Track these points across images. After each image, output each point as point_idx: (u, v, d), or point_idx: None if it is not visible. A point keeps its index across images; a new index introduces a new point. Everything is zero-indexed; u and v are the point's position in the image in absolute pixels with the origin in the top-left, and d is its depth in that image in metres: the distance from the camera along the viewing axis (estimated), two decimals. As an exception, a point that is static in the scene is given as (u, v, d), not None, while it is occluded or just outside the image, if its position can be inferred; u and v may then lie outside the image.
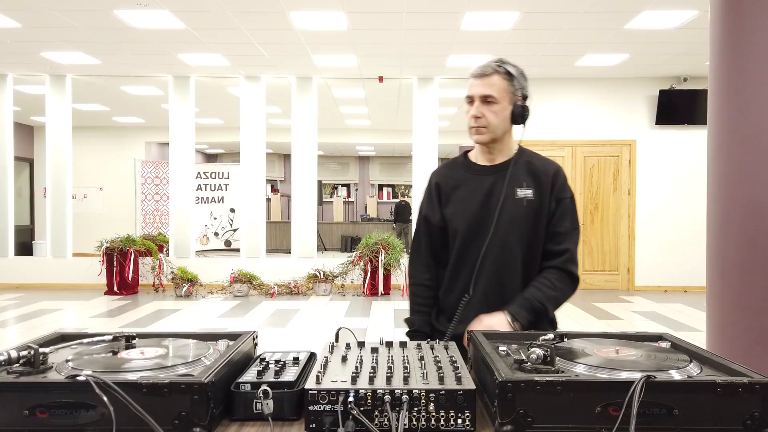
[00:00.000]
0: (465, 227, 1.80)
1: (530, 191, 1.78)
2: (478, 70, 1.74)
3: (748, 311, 2.96)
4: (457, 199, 1.83)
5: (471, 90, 1.75)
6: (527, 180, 1.79)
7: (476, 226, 1.78)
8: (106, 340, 1.31)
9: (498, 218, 1.75)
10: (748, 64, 2.96)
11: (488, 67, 1.73)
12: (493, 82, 1.72)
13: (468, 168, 1.87)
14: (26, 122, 12.59)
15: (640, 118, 8.77)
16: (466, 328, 1.72)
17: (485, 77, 1.73)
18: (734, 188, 3.02)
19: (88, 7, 5.91)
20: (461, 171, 1.87)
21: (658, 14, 6.08)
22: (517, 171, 1.80)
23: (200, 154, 17.22)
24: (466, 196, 1.82)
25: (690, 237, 8.59)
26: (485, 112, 1.74)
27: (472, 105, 1.76)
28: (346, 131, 14.36)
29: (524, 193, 1.78)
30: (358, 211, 19.40)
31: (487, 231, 1.76)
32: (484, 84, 1.73)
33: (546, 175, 1.80)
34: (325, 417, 1.04)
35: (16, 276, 9.15)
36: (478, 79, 1.73)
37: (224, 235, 10.74)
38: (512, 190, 1.78)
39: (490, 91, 1.72)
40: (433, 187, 1.90)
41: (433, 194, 1.89)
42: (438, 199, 1.87)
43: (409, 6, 5.84)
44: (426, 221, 1.90)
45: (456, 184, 1.85)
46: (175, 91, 9.10)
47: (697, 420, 1.03)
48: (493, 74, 1.73)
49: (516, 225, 1.77)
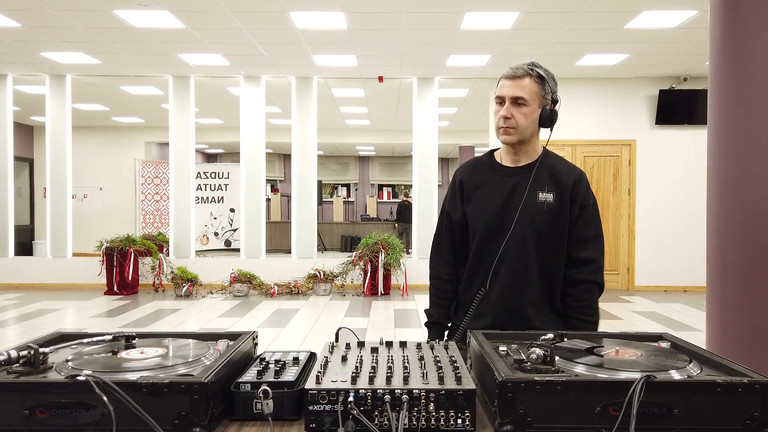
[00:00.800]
0: (484, 226, 1.82)
1: (551, 195, 1.79)
2: (510, 72, 1.75)
3: (748, 311, 2.96)
4: (479, 199, 1.85)
5: (502, 90, 1.77)
6: (549, 184, 1.81)
7: (496, 226, 1.80)
8: (106, 340, 1.31)
9: (518, 219, 1.77)
10: (748, 64, 2.96)
11: (520, 69, 1.74)
12: (525, 84, 1.74)
13: (492, 168, 1.89)
14: (26, 122, 12.59)
15: (640, 118, 8.77)
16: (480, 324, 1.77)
17: (517, 79, 1.74)
18: (734, 188, 3.02)
19: (88, 7, 5.91)
20: (485, 170, 1.89)
21: (658, 14, 6.08)
22: (540, 174, 1.81)
23: (200, 154, 17.23)
24: (488, 195, 1.84)
25: (690, 237, 8.59)
26: (515, 113, 1.75)
27: (501, 105, 1.77)
28: (346, 131, 14.36)
29: (545, 197, 1.79)
30: (358, 211, 19.40)
31: (506, 231, 1.78)
32: (516, 85, 1.74)
33: (568, 181, 1.82)
34: (325, 417, 1.04)
35: (16, 276, 9.15)
36: (509, 80, 1.74)
37: (224, 235, 10.74)
38: (534, 193, 1.79)
39: (521, 93, 1.73)
40: (456, 185, 1.92)
41: (456, 192, 1.91)
42: (461, 196, 1.89)
43: (409, 6, 5.84)
44: (448, 218, 1.92)
45: (479, 183, 1.87)
46: (175, 91, 9.10)
47: (697, 420, 1.03)
48: (525, 76, 1.73)
49: (535, 227, 1.78)
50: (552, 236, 1.80)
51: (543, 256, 1.80)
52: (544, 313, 1.82)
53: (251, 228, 9.20)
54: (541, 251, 1.79)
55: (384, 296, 8.39)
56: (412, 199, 9.38)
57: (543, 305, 1.82)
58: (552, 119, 1.79)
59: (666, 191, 8.74)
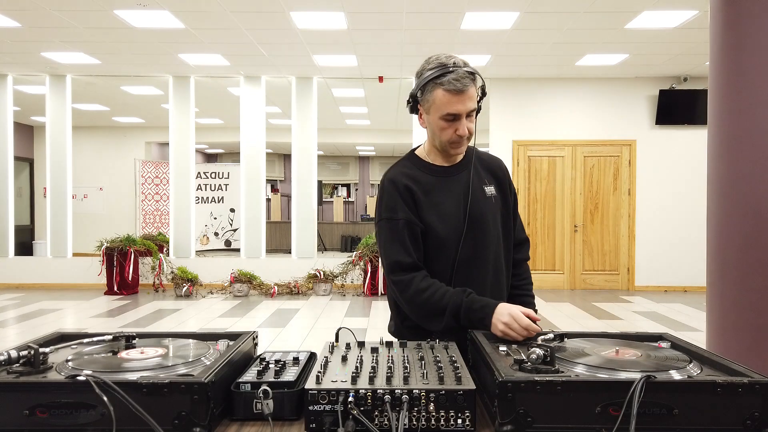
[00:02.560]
0: (450, 233, 1.68)
1: (492, 188, 1.78)
2: (457, 85, 1.59)
3: (748, 311, 2.96)
4: (435, 205, 1.70)
5: (452, 107, 1.61)
6: (487, 177, 1.80)
7: (460, 232, 1.69)
8: (106, 340, 1.32)
9: (481, 218, 1.72)
10: (748, 64, 2.96)
11: (465, 79, 1.61)
12: (472, 94, 1.63)
13: (432, 171, 1.75)
14: (26, 122, 12.59)
15: (640, 118, 8.77)
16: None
17: (465, 92, 1.61)
18: (734, 188, 3.02)
19: (88, 7, 5.91)
20: (425, 174, 1.74)
21: (658, 14, 6.08)
22: (477, 169, 1.78)
23: (200, 154, 17.23)
24: (443, 201, 1.71)
25: (690, 237, 8.60)
26: (469, 126, 1.65)
27: (449, 121, 1.63)
28: (346, 131, 14.37)
29: (490, 191, 1.77)
30: (358, 211, 19.40)
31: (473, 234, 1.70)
32: (466, 98, 1.61)
33: (501, 170, 1.84)
34: (325, 417, 1.04)
35: (16, 276, 9.15)
36: (457, 95, 1.60)
37: (224, 235, 10.74)
38: (481, 189, 1.76)
39: (473, 105, 1.64)
40: (403, 191, 1.69)
41: (407, 198, 1.68)
42: (414, 203, 1.69)
43: (409, 6, 5.85)
44: (408, 225, 1.66)
45: (426, 189, 1.71)
46: (175, 91, 9.10)
47: (697, 420, 1.03)
48: (470, 86, 1.62)
49: (496, 224, 1.76)
50: (505, 227, 1.79)
51: (507, 249, 1.80)
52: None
53: (251, 228, 9.21)
54: (505, 245, 1.79)
55: (384, 296, 8.39)
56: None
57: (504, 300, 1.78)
58: (479, 110, 1.69)
59: (666, 191, 8.75)
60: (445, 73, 1.62)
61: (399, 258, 1.65)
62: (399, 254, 1.65)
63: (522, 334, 1.45)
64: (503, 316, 1.48)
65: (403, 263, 1.65)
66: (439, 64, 1.66)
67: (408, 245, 1.66)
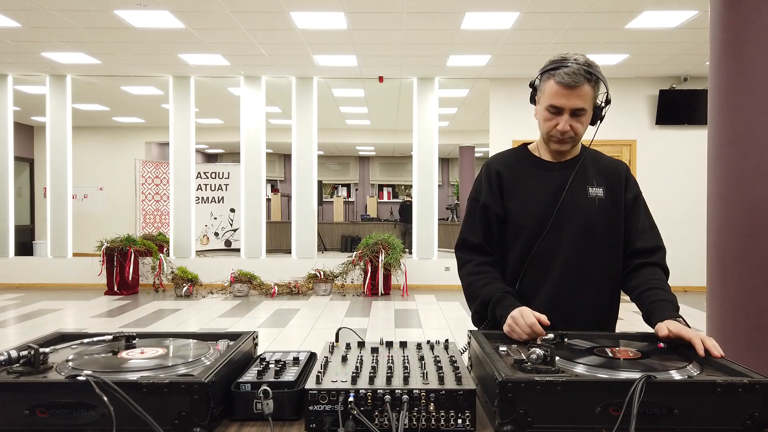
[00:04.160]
0: (532, 224, 1.67)
1: (601, 190, 1.70)
2: (567, 79, 1.57)
3: (748, 311, 2.96)
4: (523, 194, 1.70)
5: (557, 99, 1.60)
6: (597, 178, 1.72)
7: (544, 224, 1.66)
8: (106, 340, 1.32)
9: (569, 217, 1.66)
10: (748, 65, 2.96)
11: (578, 75, 1.57)
12: (584, 93, 1.59)
13: (532, 162, 1.75)
14: (26, 122, 12.59)
15: (640, 118, 8.77)
16: None
17: (576, 88, 1.58)
18: (734, 188, 3.02)
19: (88, 7, 5.91)
20: (525, 164, 1.75)
21: (658, 14, 6.08)
22: (585, 169, 1.72)
23: (200, 154, 17.23)
24: (533, 191, 1.70)
25: (690, 237, 8.59)
26: (573, 125, 1.63)
27: (553, 114, 1.64)
28: (346, 131, 14.37)
29: (596, 192, 1.69)
30: (358, 211, 19.40)
31: (558, 229, 1.66)
32: (575, 95, 1.59)
33: (617, 173, 1.75)
34: (325, 417, 1.04)
35: (16, 276, 9.15)
36: (567, 89, 1.58)
37: (224, 235, 10.73)
38: (583, 188, 1.69)
39: (581, 104, 1.60)
40: (492, 176, 1.73)
41: (493, 183, 1.73)
42: (499, 189, 1.72)
43: (409, 6, 5.84)
44: (484, 209, 1.73)
45: (520, 178, 1.72)
46: (175, 91, 9.10)
47: (697, 420, 1.03)
48: (584, 84, 1.58)
49: (588, 225, 1.67)
50: (606, 232, 1.68)
51: (598, 254, 1.67)
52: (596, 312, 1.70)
53: (251, 228, 9.21)
54: (595, 249, 1.67)
55: (384, 296, 8.39)
56: (413, 199, 9.38)
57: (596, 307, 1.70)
58: (602, 117, 1.70)
59: (666, 191, 8.74)
60: (560, 66, 1.62)
61: (467, 236, 1.76)
62: (468, 233, 1.76)
63: (526, 332, 1.45)
64: (513, 314, 1.49)
65: (468, 242, 1.76)
66: (561, 57, 1.66)
67: (478, 227, 1.74)
